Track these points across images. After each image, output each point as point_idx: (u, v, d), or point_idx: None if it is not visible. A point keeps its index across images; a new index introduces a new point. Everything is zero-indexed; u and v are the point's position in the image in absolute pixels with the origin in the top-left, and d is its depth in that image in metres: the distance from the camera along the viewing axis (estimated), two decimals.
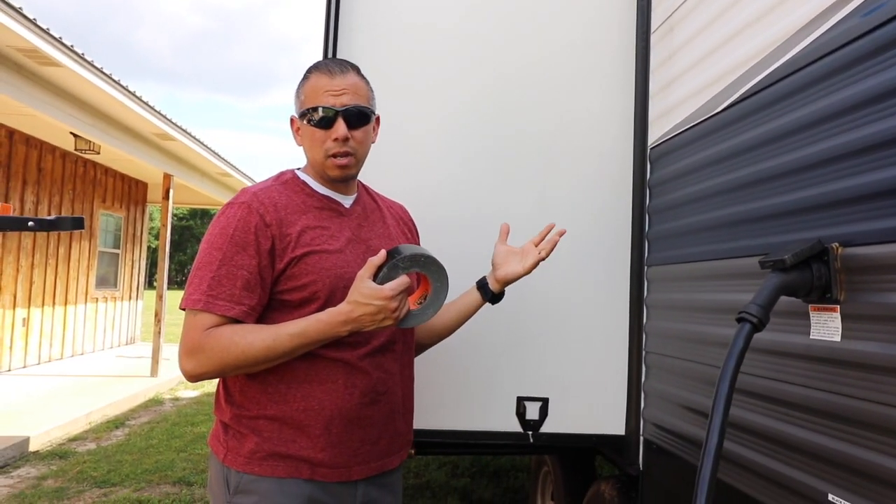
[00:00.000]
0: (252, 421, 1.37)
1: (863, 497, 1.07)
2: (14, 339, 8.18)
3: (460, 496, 4.18)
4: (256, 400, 1.38)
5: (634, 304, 2.02)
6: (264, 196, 1.40)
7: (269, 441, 1.36)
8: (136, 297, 11.96)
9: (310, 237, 1.40)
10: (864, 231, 1.09)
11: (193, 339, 1.31)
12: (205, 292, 1.32)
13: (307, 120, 1.43)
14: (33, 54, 5.52)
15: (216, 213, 1.43)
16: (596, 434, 2.03)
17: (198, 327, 1.31)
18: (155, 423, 6.13)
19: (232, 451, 1.38)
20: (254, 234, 1.35)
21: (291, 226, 1.39)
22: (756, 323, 1.10)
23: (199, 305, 1.31)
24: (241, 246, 1.34)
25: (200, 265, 1.35)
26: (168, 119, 7.98)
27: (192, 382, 1.40)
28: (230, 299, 1.32)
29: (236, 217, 1.36)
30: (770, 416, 1.32)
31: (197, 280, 1.34)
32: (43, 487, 4.23)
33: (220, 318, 1.32)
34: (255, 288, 1.34)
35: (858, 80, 1.13)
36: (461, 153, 2.05)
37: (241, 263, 1.33)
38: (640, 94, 2.04)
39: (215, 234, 1.36)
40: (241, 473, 1.36)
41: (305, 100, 1.44)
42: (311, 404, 1.37)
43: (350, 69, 1.46)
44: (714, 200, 1.58)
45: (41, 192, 8.58)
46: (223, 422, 1.42)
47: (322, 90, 1.42)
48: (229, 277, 1.32)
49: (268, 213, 1.37)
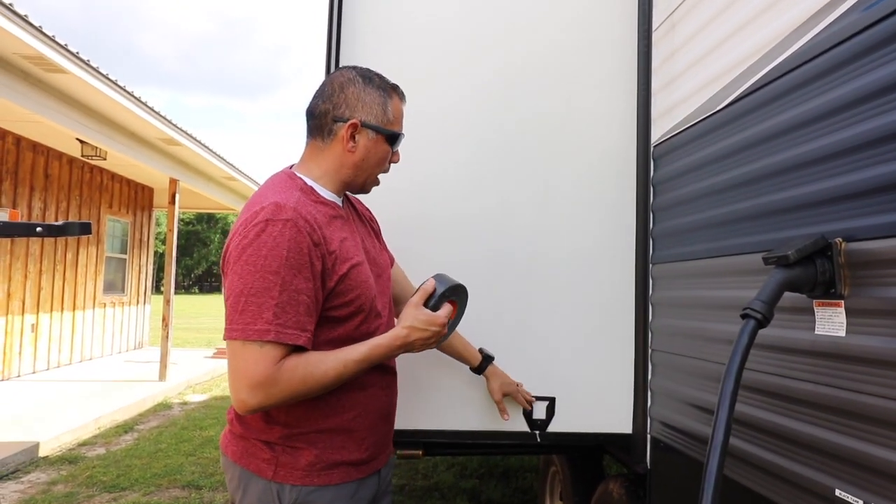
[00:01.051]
0: (306, 435, 1.37)
1: (870, 492, 1.07)
2: (23, 344, 8.24)
3: (469, 497, 4.18)
4: (307, 416, 1.36)
5: (640, 302, 2.02)
6: (305, 212, 1.32)
7: (326, 451, 1.38)
8: (143, 301, 12.01)
9: (345, 251, 1.38)
10: (867, 226, 1.09)
11: (265, 374, 1.23)
12: (270, 321, 1.23)
13: (388, 139, 1.46)
14: (39, 61, 5.57)
15: (243, 226, 1.30)
16: (603, 433, 2.03)
17: (267, 360, 1.23)
18: (164, 428, 6.15)
19: (285, 466, 1.35)
20: (307, 256, 1.28)
21: (331, 242, 1.35)
22: (760, 319, 1.10)
23: (269, 336, 1.22)
24: (297, 269, 1.26)
25: (255, 291, 1.24)
26: (173, 124, 8.02)
27: (248, 414, 1.31)
28: (297, 327, 1.26)
29: (286, 237, 1.26)
30: (776, 412, 1.31)
31: (254, 307, 1.23)
32: (53, 492, 4.25)
33: (287, 349, 1.25)
34: (313, 312, 1.30)
35: (861, 74, 1.13)
36: (463, 152, 2.05)
37: (300, 288, 1.26)
38: (642, 91, 2.04)
39: (264, 256, 1.25)
40: (299, 487, 1.34)
41: (395, 120, 1.48)
42: (360, 411, 1.43)
43: None
44: (717, 197, 1.58)
45: (48, 198, 8.63)
46: (266, 441, 1.36)
47: (402, 115, 1.51)
48: (292, 304, 1.25)
49: (314, 231, 1.31)
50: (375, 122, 1.44)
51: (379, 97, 1.45)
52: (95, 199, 9.98)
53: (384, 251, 1.66)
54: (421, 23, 2.08)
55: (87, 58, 5.91)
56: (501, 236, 2.04)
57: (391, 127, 1.46)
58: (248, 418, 1.38)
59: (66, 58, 5.66)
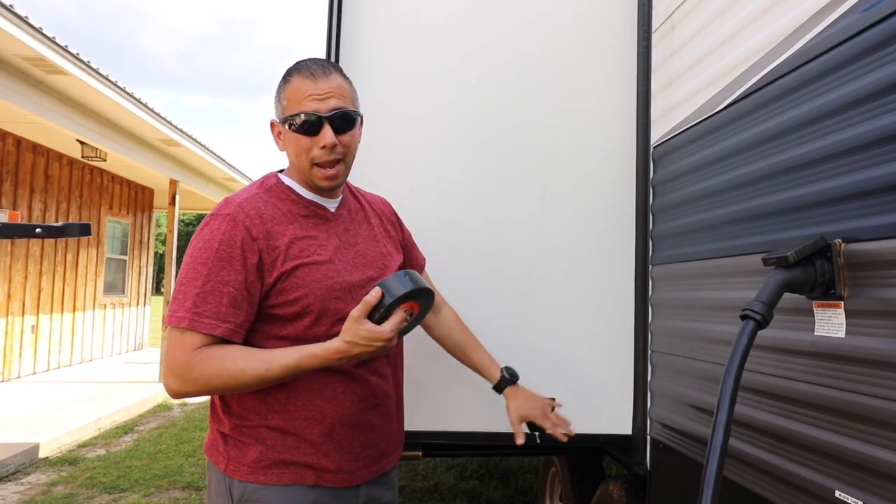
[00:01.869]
0: (254, 430, 1.35)
1: (870, 493, 1.06)
2: (23, 345, 8.24)
3: (469, 498, 4.17)
4: (256, 410, 1.35)
5: (639, 303, 2.02)
6: (250, 207, 1.33)
7: (273, 449, 1.34)
8: (143, 303, 12.01)
9: (298, 249, 1.35)
10: (867, 227, 1.09)
11: (180, 360, 1.26)
12: (189, 309, 1.26)
13: (290, 126, 1.37)
14: (40, 63, 5.57)
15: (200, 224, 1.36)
16: (603, 434, 2.03)
17: (184, 347, 1.26)
18: (163, 429, 6.15)
19: (234, 460, 1.35)
20: (240, 249, 1.29)
21: (279, 238, 1.33)
22: (760, 320, 1.10)
23: (183, 323, 1.25)
24: (227, 261, 1.28)
25: (184, 280, 1.29)
26: (173, 125, 8.03)
27: (175, 399, 1.36)
28: (216, 317, 1.26)
29: (221, 230, 1.30)
30: (775, 414, 1.31)
31: (181, 296, 1.28)
32: (53, 494, 4.25)
33: (207, 337, 1.26)
34: (241, 304, 1.29)
35: (861, 75, 1.13)
36: (463, 152, 2.06)
37: (226, 279, 1.27)
38: (642, 92, 2.04)
39: (199, 248, 1.30)
40: (245, 483, 1.33)
41: (288, 105, 1.37)
42: (313, 412, 1.36)
43: (333, 70, 1.39)
44: (717, 198, 1.58)
45: (49, 200, 8.64)
46: (222, 432, 1.38)
47: (305, 94, 1.35)
48: (215, 294, 1.27)
49: (254, 225, 1.31)
50: (279, 115, 1.41)
51: (278, 89, 1.41)
52: (96, 200, 9.98)
53: (394, 254, 1.58)
54: (420, 24, 2.08)
55: (87, 59, 5.92)
56: (501, 238, 2.04)
57: (286, 113, 1.37)
58: (214, 408, 1.41)
59: (67, 59, 5.66)
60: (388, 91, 2.05)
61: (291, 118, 1.36)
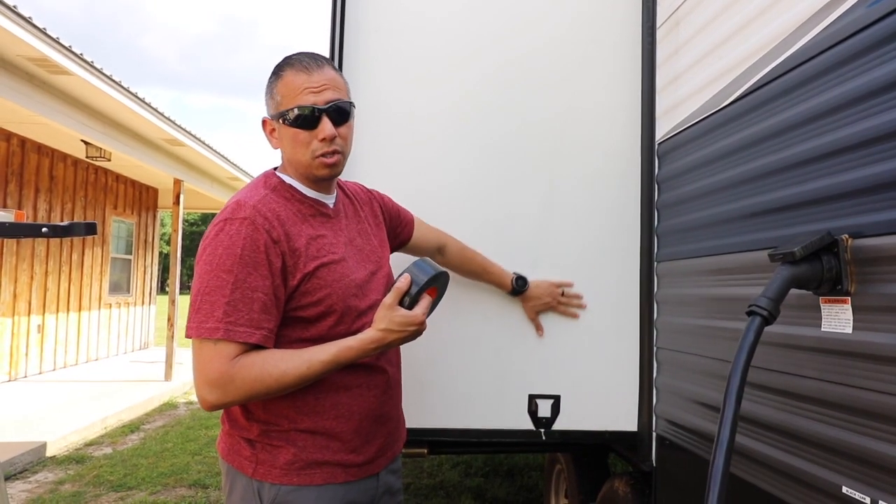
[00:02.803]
0: (284, 434, 1.34)
1: (877, 489, 1.06)
2: (30, 345, 8.27)
3: (474, 495, 4.18)
4: (285, 415, 1.34)
5: (645, 300, 2.01)
6: (266, 209, 1.31)
7: (305, 450, 1.34)
8: (149, 302, 12.05)
9: (315, 249, 1.35)
10: (874, 222, 1.09)
11: (219, 371, 1.23)
12: (221, 319, 1.23)
13: (286, 121, 1.35)
14: (44, 63, 5.58)
15: (209, 226, 1.33)
16: (608, 430, 2.03)
17: (221, 358, 1.23)
18: (170, 427, 6.17)
19: (264, 463, 1.34)
20: (264, 254, 1.27)
21: (297, 239, 1.33)
22: (766, 316, 1.09)
23: (217, 334, 1.22)
24: (253, 266, 1.25)
25: (209, 289, 1.25)
26: (177, 125, 8.04)
27: (211, 411, 1.32)
28: (250, 324, 1.24)
29: (241, 235, 1.27)
30: (782, 410, 1.31)
31: (208, 306, 1.24)
32: (60, 492, 4.27)
33: (242, 346, 1.24)
34: (271, 310, 1.28)
35: (867, 70, 1.12)
36: (467, 150, 2.05)
37: (255, 285, 1.25)
38: (646, 89, 2.04)
39: (219, 255, 1.26)
40: (278, 486, 1.32)
41: (283, 100, 1.35)
42: (342, 412, 1.38)
43: (325, 63, 1.39)
44: (723, 194, 1.58)
45: (53, 200, 8.66)
46: (247, 438, 1.36)
47: (301, 88, 1.34)
48: (245, 301, 1.24)
49: (273, 228, 1.30)
50: (273, 112, 1.39)
51: (269, 85, 1.40)
52: (100, 200, 10.01)
53: (384, 244, 1.61)
54: (423, 22, 2.08)
55: (91, 59, 5.93)
56: (506, 235, 2.04)
57: (281, 108, 1.36)
58: (233, 416, 1.39)
59: (71, 59, 5.67)
60: (391, 89, 2.05)
61: (287, 113, 1.35)
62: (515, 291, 1.96)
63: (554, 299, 1.99)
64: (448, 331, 2.00)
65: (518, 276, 1.97)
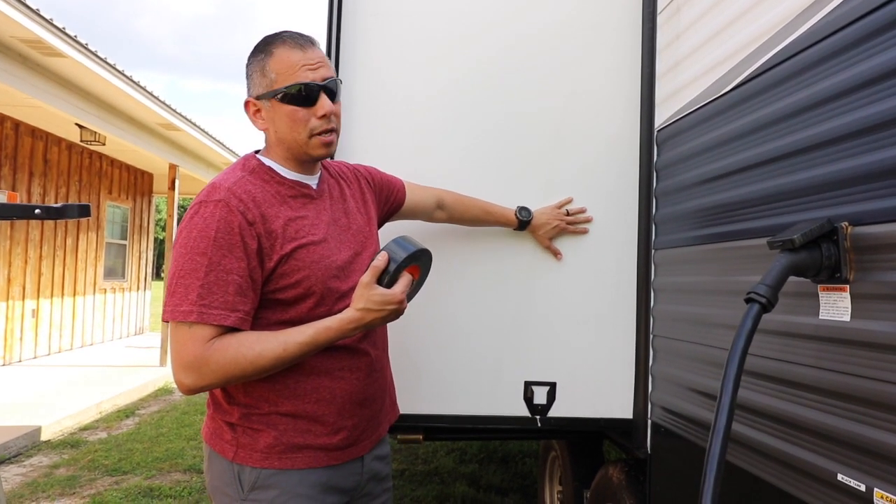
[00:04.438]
0: (265, 417, 1.34)
1: (872, 476, 1.06)
2: (24, 330, 8.25)
3: (469, 482, 4.20)
4: (266, 398, 1.34)
5: (642, 288, 2.01)
6: (240, 191, 1.29)
7: (286, 434, 1.34)
8: (144, 287, 12.02)
9: (294, 230, 1.33)
10: (873, 210, 1.08)
11: (193, 354, 1.22)
12: (195, 302, 1.22)
13: (283, 98, 1.32)
14: (37, 45, 5.53)
15: (186, 212, 1.32)
16: (604, 418, 2.03)
17: (195, 341, 1.22)
18: (165, 412, 6.18)
19: (245, 447, 1.34)
20: (238, 235, 1.25)
21: (274, 220, 1.31)
22: (765, 303, 1.09)
23: (191, 317, 1.22)
24: (227, 248, 1.24)
25: (183, 272, 1.24)
26: (172, 109, 7.98)
27: (189, 395, 1.33)
28: (224, 307, 1.23)
29: (215, 217, 1.25)
30: (779, 398, 1.31)
31: (182, 289, 1.23)
32: (55, 476, 4.27)
33: (217, 329, 1.24)
34: (247, 292, 1.26)
35: (869, 57, 1.11)
36: (465, 136, 2.04)
37: (229, 268, 1.24)
38: (646, 75, 2.02)
39: (193, 237, 1.25)
40: (259, 469, 1.33)
41: (279, 77, 1.32)
42: (323, 395, 1.37)
43: (315, 41, 1.38)
44: (722, 182, 1.57)
45: (48, 184, 8.61)
46: (228, 422, 1.36)
47: (298, 65, 1.32)
48: (220, 284, 1.23)
49: (248, 210, 1.28)
50: (264, 90, 1.35)
51: (257, 64, 1.36)
52: (95, 184, 9.95)
53: (371, 224, 1.57)
54: (422, 6, 2.05)
55: (85, 41, 5.87)
56: None
57: (276, 86, 1.33)
58: (217, 399, 1.39)
59: (65, 41, 5.62)
60: (389, 73, 2.03)
61: (285, 90, 1.32)
62: (522, 224, 1.96)
63: (561, 221, 1.98)
64: (444, 317, 2.00)
65: (521, 207, 1.97)
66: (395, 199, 1.74)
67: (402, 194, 1.76)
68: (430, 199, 1.85)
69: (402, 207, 1.77)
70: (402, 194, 1.76)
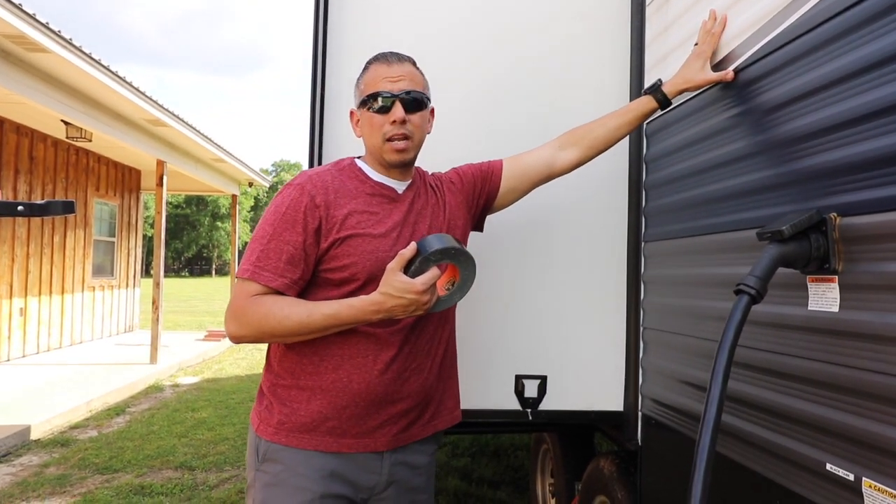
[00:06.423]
0: (285, 391, 1.46)
1: (860, 465, 1.07)
2: (12, 328, 8.18)
3: (461, 475, 4.21)
4: (291, 370, 1.47)
5: (632, 280, 2.01)
6: (318, 178, 1.48)
7: (297, 414, 1.44)
8: (133, 285, 11.94)
9: (355, 221, 1.46)
10: (862, 200, 1.08)
11: (238, 304, 1.40)
12: (253, 263, 1.41)
13: (367, 107, 1.50)
14: (20, 40, 5.45)
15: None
16: (594, 410, 2.04)
17: (243, 294, 1.40)
18: (155, 410, 6.15)
19: (264, 421, 1.48)
20: (303, 213, 1.42)
21: (339, 209, 1.45)
22: (754, 295, 1.09)
23: (246, 275, 1.41)
24: (290, 223, 1.42)
25: (254, 239, 1.45)
26: (159, 104, 7.91)
27: (235, 344, 1.52)
28: (274, 271, 1.40)
29: (290, 197, 1.45)
30: (768, 388, 1.32)
31: (249, 252, 1.44)
32: (45, 475, 4.24)
33: (264, 288, 1.40)
34: (298, 263, 1.42)
35: (857, 47, 1.11)
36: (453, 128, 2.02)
37: (287, 239, 1.41)
38: (635, 67, 2.02)
39: (270, 212, 1.46)
40: (269, 442, 1.45)
41: (365, 88, 1.51)
42: (341, 375, 1.44)
43: (406, 60, 1.53)
44: (711, 174, 1.57)
45: (34, 181, 8.52)
46: (262, 390, 1.52)
47: (380, 77, 1.49)
48: (276, 251, 1.41)
49: (318, 194, 1.45)
50: (358, 99, 1.55)
51: (357, 80, 1.56)
52: (82, 181, 9.86)
53: (464, 221, 1.66)
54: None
55: (69, 36, 5.79)
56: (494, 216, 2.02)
57: (362, 96, 1.52)
58: (266, 366, 1.55)
59: (48, 36, 5.54)
60: None
61: (368, 99, 1.49)
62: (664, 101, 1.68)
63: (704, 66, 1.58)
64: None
65: (647, 88, 1.72)
66: (491, 183, 1.73)
67: (498, 175, 1.73)
68: (541, 153, 1.76)
69: (504, 184, 1.74)
70: (498, 175, 1.73)
